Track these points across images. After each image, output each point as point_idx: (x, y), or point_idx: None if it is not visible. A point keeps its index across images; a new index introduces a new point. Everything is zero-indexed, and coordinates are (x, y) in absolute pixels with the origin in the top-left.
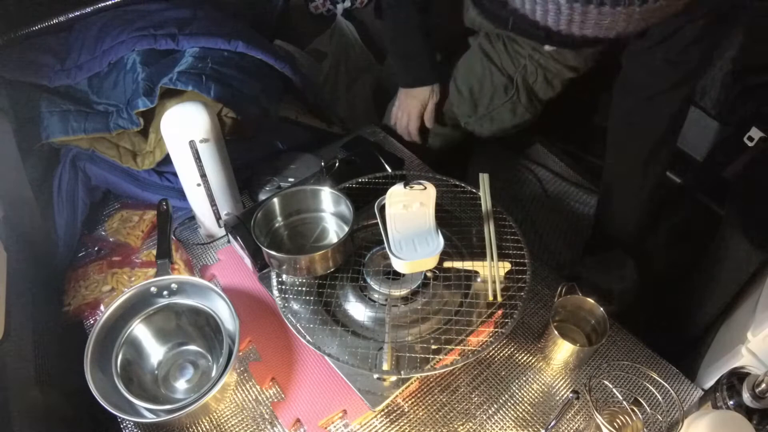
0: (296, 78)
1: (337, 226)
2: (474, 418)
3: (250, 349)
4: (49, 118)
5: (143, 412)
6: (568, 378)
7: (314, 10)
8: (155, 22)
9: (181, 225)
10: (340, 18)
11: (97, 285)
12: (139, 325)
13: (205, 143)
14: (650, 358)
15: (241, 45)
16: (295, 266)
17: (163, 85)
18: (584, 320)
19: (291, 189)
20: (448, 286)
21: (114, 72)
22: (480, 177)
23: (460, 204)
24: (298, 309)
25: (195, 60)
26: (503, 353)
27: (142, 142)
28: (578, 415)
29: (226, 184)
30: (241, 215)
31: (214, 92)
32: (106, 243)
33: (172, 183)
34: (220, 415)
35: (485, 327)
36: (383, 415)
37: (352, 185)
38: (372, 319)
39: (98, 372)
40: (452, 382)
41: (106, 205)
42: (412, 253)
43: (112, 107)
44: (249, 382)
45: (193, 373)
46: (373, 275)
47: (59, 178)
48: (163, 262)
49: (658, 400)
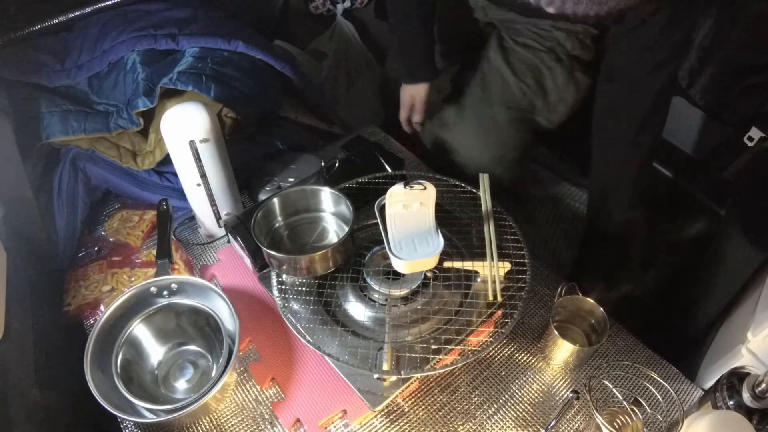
0: (296, 78)
1: (337, 226)
2: (474, 418)
3: (250, 349)
4: (49, 118)
5: (143, 412)
6: (568, 378)
7: (314, 10)
8: (155, 22)
9: (181, 225)
10: (340, 18)
11: (97, 285)
12: (139, 325)
13: (205, 143)
14: (650, 358)
15: (241, 45)
16: (295, 266)
17: (163, 85)
18: (584, 320)
19: (291, 189)
20: (448, 286)
21: (114, 72)
22: (480, 177)
23: (460, 204)
24: (298, 309)
25: (195, 60)
26: (503, 353)
27: (142, 142)
28: (578, 415)
29: (226, 184)
30: (241, 215)
31: (214, 92)
32: (106, 243)
33: (172, 183)
34: (220, 415)
35: (485, 327)
36: (383, 415)
37: (352, 185)
38: (372, 319)
39: (98, 372)
40: (452, 382)
41: (106, 205)
42: (412, 253)
43: (112, 107)
44: (249, 382)
45: (193, 373)
46: (373, 275)
47: (59, 178)
48: (163, 262)
49: (658, 400)
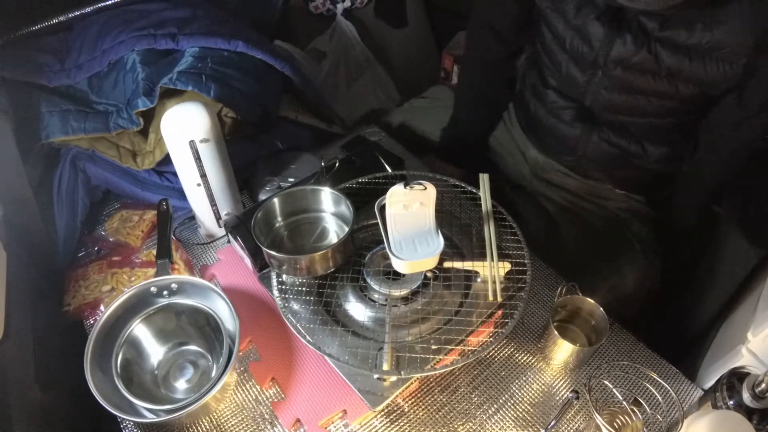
0: (296, 78)
1: (337, 226)
2: (474, 418)
3: (250, 349)
4: (49, 118)
5: (143, 412)
6: (568, 378)
7: (314, 10)
8: (155, 21)
9: (181, 225)
10: (340, 18)
11: (97, 285)
12: (139, 325)
13: (205, 143)
14: (650, 358)
15: (241, 45)
16: (296, 266)
17: (163, 85)
18: (584, 320)
19: (291, 189)
20: (448, 287)
21: (114, 72)
22: (480, 177)
23: (460, 204)
24: (298, 309)
25: (195, 60)
26: (503, 353)
27: (142, 142)
28: (578, 415)
29: (226, 184)
30: (241, 215)
31: (214, 92)
32: (106, 243)
33: (172, 183)
34: (220, 415)
35: (485, 327)
36: (383, 415)
37: (352, 185)
38: (372, 319)
39: (98, 372)
40: (452, 382)
41: (106, 205)
42: (412, 254)
43: (112, 107)
44: (249, 382)
45: (193, 373)
46: (374, 275)
47: (59, 178)
48: (163, 262)
49: (658, 400)
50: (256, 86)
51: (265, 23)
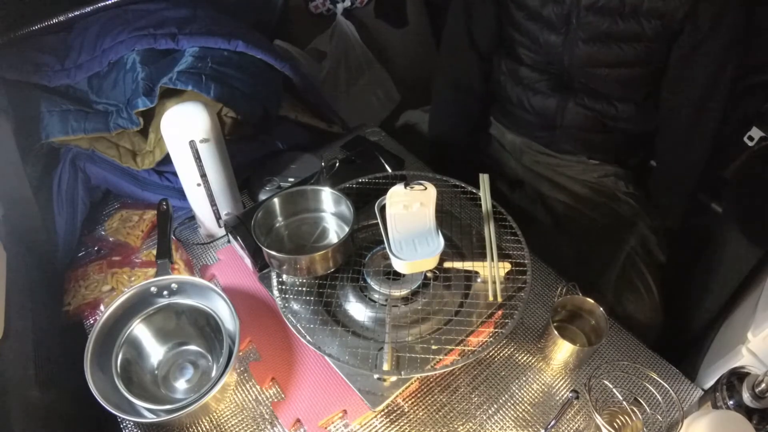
0: (296, 78)
1: (338, 226)
2: (474, 418)
3: (250, 349)
4: (49, 117)
5: (143, 412)
6: (568, 378)
7: (314, 10)
8: (155, 21)
9: (181, 225)
10: (340, 18)
11: (97, 285)
12: (139, 325)
13: (205, 143)
14: (650, 358)
15: (241, 45)
16: (296, 266)
17: (162, 85)
18: (584, 320)
19: (291, 189)
20: (448, 287)
21: (114, 72)
22: (480, 177)
23: (461, 204)
24: (298, 309)
25: (195, 60)
26: (503, 353)
27: (142, 142)
28: (578, 415)
29: (226, 184)
30: (241, 215)
31: (214, 92)
32: (106, 243)
33: (172, 183)
34: (220, 415)
35: (485, 327)
36: (383, 415)
37: (352, 185)
38: (372, 319)
39: (98, 372)
40: (452, 382)
41: (106, 205)
42: (412, 254)
43: (111, 107)
44: (249, 382)
45: (193, 373)
46: (374, 275)
47: (59, 178)
48: (163, 262)
49: (657, 400)
50: (256, 86)
51: (265, 23)
